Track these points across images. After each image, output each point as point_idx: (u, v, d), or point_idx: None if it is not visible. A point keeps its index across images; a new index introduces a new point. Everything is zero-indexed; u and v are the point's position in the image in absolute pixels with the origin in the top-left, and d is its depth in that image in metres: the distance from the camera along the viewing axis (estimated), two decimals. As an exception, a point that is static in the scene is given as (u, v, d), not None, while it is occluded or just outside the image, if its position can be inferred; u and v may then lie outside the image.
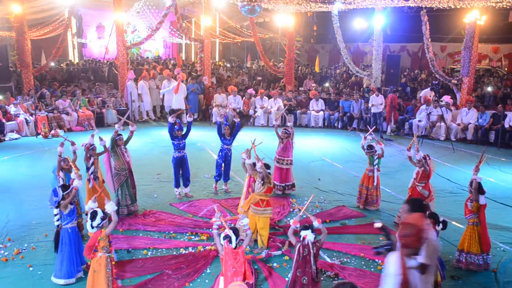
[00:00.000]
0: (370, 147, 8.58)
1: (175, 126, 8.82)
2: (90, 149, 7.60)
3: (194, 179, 9.97)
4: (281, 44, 29.21)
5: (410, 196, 7.75)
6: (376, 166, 8.52)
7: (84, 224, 6.87)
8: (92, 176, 7.51)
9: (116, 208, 5.75)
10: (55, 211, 6.12)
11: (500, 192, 9.73)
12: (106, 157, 8.07)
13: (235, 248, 4.99)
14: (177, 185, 9.12)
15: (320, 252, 6.70)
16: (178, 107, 16.66)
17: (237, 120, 9.12)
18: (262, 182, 6.78)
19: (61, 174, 7.01)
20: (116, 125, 8.15)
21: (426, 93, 16.70)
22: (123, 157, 8.06)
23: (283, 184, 9.41)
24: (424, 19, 16.47)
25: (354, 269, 6.28)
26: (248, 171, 7.29)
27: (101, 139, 8.05)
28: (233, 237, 4.96)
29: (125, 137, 8.19)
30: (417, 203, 4.59)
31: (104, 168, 8.10)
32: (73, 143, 7.51)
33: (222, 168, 9.38)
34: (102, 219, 5.27)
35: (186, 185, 9.22)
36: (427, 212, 5.60)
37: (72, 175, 6.32)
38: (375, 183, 8.55)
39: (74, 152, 7.46)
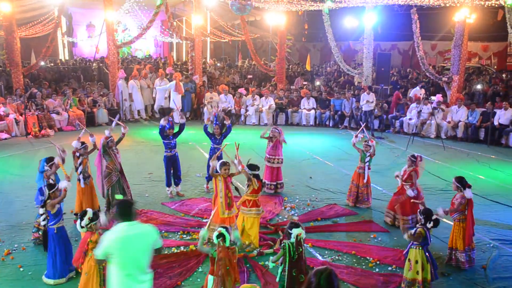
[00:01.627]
0: (366, 141, 8.64)
1: (166, 125, 8.82)
2: (80, 148, 7.56)
3: (185, 178, 9.96)
4: (272, 43, 29.19)
5: (397, 193, 7.78)
6: (368, 164, 8.56)
7: None
8: (81, 175, 7.50)
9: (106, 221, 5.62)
10: (41, 210, 6.05)
11: (490, 189, 9.81)
12: (97, 160, 8.03)
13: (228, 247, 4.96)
14: (168, 184, 9.11)
15: (311, 250, 6.76)
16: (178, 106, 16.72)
17: (227, 122, 9.09)
18: (247, 184, 6.81)
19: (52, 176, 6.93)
20: (106, 131, 8.08)
21: (416, 91, 16.81)
22: (116, 158, 8.03)
23: (275, 183, 9.42)
24: (414, 17, 16.56)
25: (346, 267, 6.31)
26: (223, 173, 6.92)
27: (91, 135, 8.02)
28: (227, 236, 4.92)
29: (116, 138, 8.16)
30: (126, 206, 4.34)
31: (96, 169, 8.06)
32: (63, 151, 7.32)
33: None
34: (90, 220, 5.24)
35: (177, 184, 9.22)
36: (421, 209, 5.66)
37: (62, 183, 6.18)
38: (365, 180, 8.58)
39: (63, 159, 7.37)
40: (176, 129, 8.97)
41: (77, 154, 7.57)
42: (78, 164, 7.52)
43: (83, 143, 7.68)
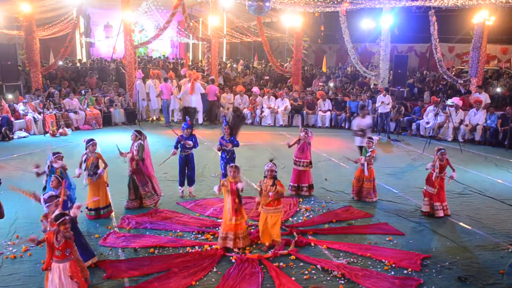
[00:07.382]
0: (370, 138, 9.10)
1: (184, 125, 8.96)
2: (88, 145, 7.87)
3: (200, 178, 9.99)
4: (288, 44, 29.18)
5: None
6: (367, 158, 8.80)
7: None
8: (85, 172, 7.85)
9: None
10: None
11: (509, 193, 9.66)
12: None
13: None
14: (181, 184, 9.21)
15: (326, 252, 6.74)
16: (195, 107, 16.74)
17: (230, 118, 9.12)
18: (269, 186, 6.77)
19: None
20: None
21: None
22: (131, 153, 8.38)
23: (296, 185, 9.39)
24: (432, 19, 16.41)
25: (361, 269, 6.26)
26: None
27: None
28: None
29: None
30: None
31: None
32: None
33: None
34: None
35: (190, 185, 9.24)
36: None
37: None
38: (366, 173, 8.80)
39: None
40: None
41: (88, 150, 7.89)
42: (83, 161, 7.84)
43: (91, 139, 7.96)
